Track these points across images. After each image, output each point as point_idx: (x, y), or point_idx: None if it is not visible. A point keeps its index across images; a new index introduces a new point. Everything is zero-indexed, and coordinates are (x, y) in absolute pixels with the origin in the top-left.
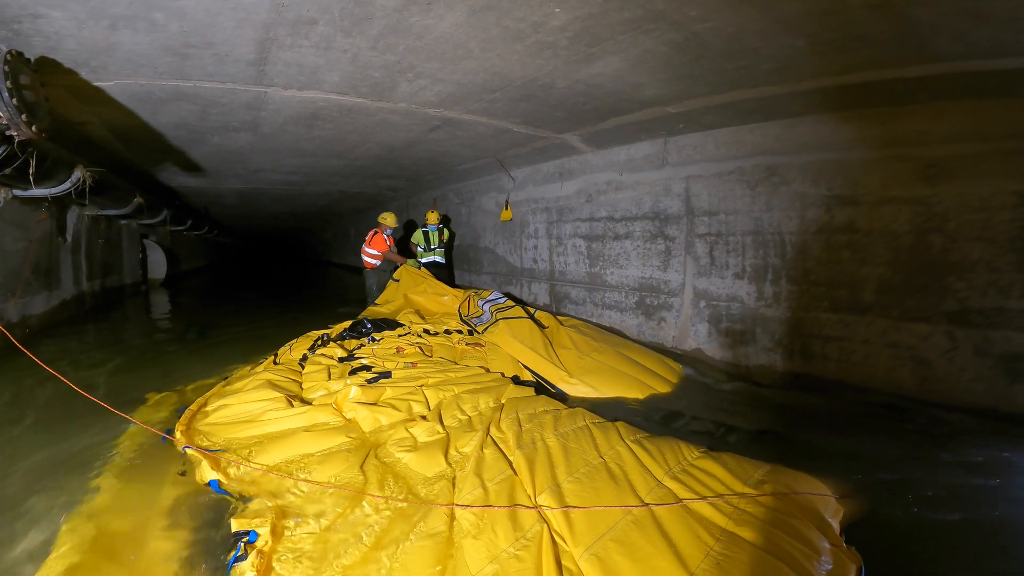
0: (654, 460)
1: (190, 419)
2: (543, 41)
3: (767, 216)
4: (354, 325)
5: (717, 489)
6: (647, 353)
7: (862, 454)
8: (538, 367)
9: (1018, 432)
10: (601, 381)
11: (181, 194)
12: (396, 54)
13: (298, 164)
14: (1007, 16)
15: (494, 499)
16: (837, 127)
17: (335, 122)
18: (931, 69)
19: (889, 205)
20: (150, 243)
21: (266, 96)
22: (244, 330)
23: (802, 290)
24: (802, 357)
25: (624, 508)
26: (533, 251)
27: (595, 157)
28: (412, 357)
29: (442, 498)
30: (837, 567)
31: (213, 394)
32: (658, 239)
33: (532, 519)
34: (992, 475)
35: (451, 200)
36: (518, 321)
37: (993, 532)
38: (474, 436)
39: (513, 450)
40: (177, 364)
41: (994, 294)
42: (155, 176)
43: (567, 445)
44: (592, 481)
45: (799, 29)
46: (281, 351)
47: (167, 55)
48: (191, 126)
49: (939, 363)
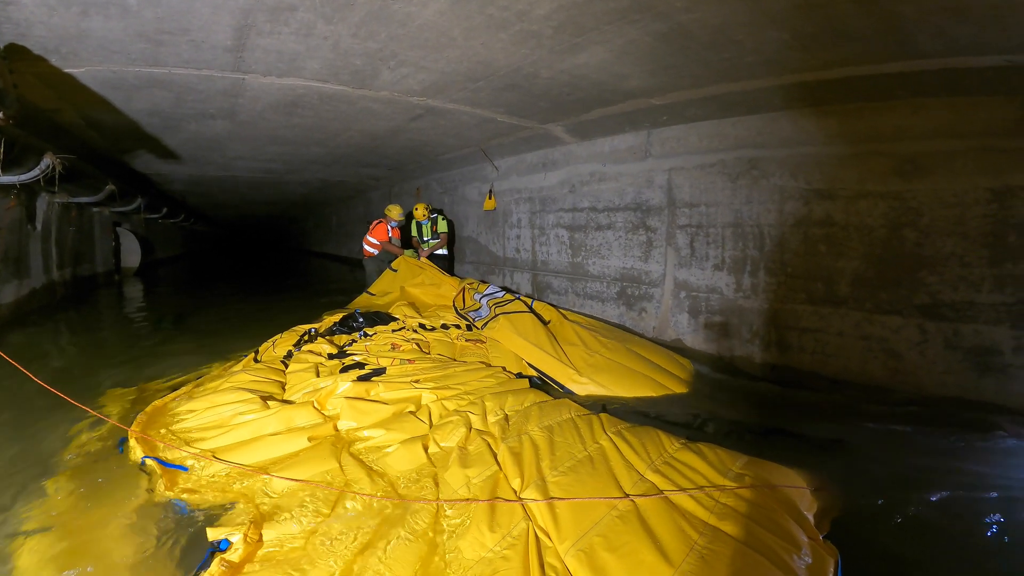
0: (636, 453)
1: (145, 425)
2: (527, 30)
3: (747, 209)
4: (344, 319)
5: (698, 482)
6: (656, 349)
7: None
8: (544, 365)
9: (988, 423)
10: (612, 380)
11: (156, 182)
12: (378, 41)
13: (278, 152)
14: (989, 14)
15: (479, 496)
16: (817, 122)
17: (316, 110)
18: (912, 65)
19: (865, 199)
20: (123, 231)
21: (244, 83)
22: (220, 323)
23: (780, 282)
24: (778, 348)
25: (608, 503)
26: (516, 241)
27: (579, 148)
28: (408, 354)
29: (426, 496)
30: (816, 561)
31: (182, 394)
32: (640, 230)
33: (518, 516)
34: (961, 465)
35: (434, 189)
36: (519, 316)
37: (964, 522)
38: (461, 431)
39: (499, 445)
40: (147, 359)
41: (965, 288)
42: (129, 163)
43: (552, 439)
44: (577, 474)
45: (784, 22)
46: (263, 348)
47: (140, 41)
48: (166, 113)
49: (910, 355)
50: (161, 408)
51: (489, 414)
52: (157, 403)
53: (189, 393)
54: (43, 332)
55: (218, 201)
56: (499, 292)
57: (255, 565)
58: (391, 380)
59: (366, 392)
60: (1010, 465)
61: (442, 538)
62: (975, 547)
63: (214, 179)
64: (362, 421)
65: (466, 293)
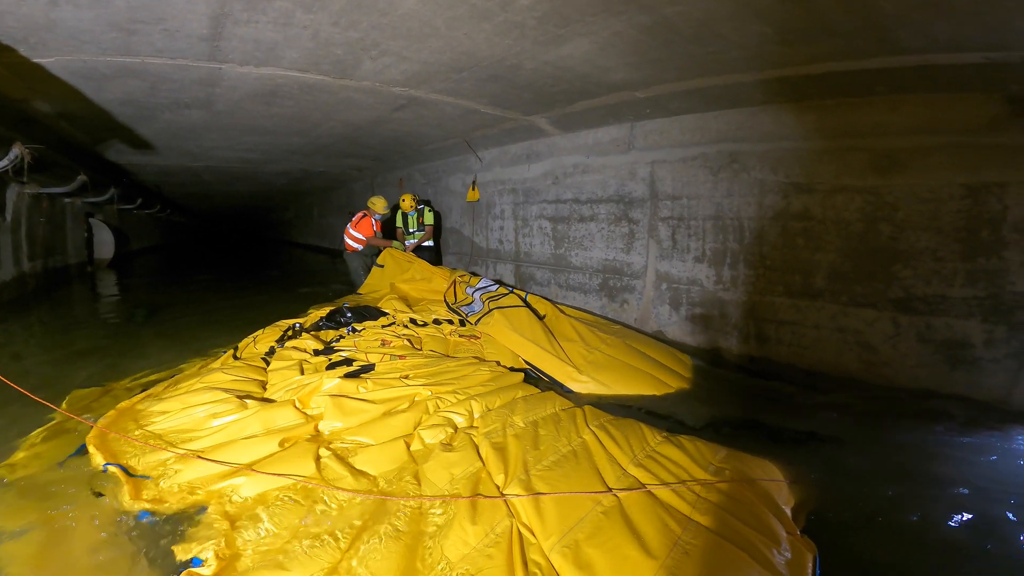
0: (619, 447)
1: (108, 428)
2: (511, 20)
3: (727, 202)
4: (332, 314)
5: (680, 475)
6: (655, 345)
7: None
8: (542, 363)
9: (958, 416)
10: (613, 378)
11: (131, 172)
12: (359, 31)
13: (256, 142)
14: (969, 10)
15: (462, 493)
16: (798, 116)
17: (295, 99)
18: (892, 62)
19: (842, 194)
20: (96, 222)
21: (221, 72)
22: (197, 316)
23: (758, 275)
24: (757, 340)
25: (593, 499)
26: (499, 232)
27: (563, 140)
28: (399, 350)
29: (409, 494)
30: (795, 556)
31: (152, 395)
32: (622, 222)
33: (501, 513)
34: (933, 457)
35: (417, 180)
36: (514, 311)
37: (933, 516)
38: (448, 428)
39: (483, 441)
40: (117, 354)
41: (937, 282)
42: (102, 153)
43: (536, 434)
44: (561, 469)
45: (768, 16)
46: (243, 344)
47: (112, 31)
48: (139, 103)
49: (883, 348)
50: (128, 410)
51: (476, 410)
52: (124, 404)
53: (159, 394)
54: (12, 326)
55: (195, 191)
56: (492, 285)
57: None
58: (380, 377)
59: (354, 390)
60: (982, 459)
61: (425, 537)
62: (943, 540)
63: (191, 169)
64: (348, 420)
65: (457, 287)
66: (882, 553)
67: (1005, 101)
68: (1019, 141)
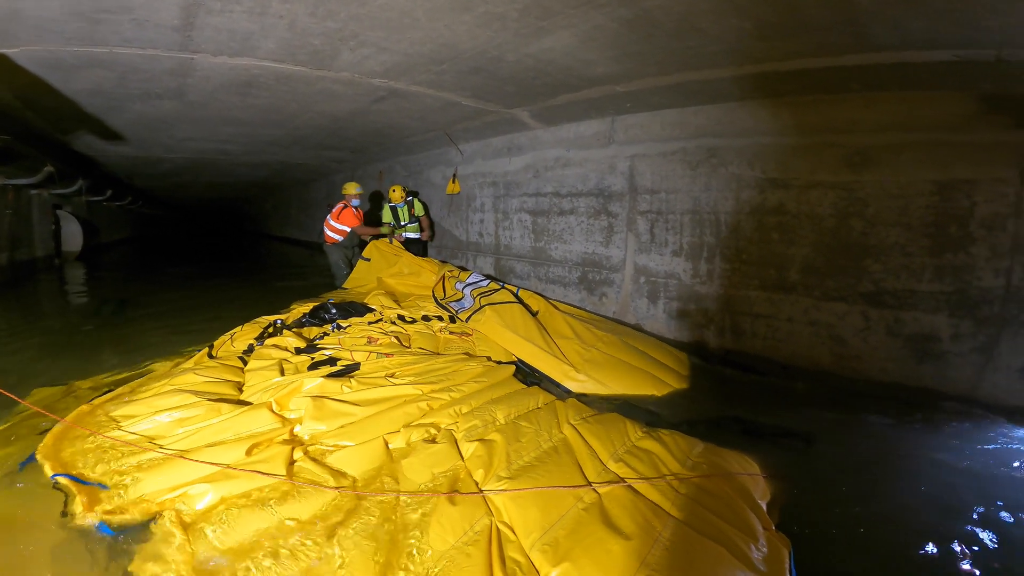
0: (601, 442)
1: (60, 436)
2: (492, 12)
3: (705, 196)
4: (315, 310)
5: (660, 470)
6: (651, 341)
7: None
8: (537, 361)
9: (925, 408)
10: (612, 377)
11: (100, 163)
12: (337, 21)
13: (232, 133)
14: (942, 7)
15: (442, 490)
16: (775, 112)
17: (272, 90)
18: (868, 59)
19: (816, 189)
20: (64, 214)
21: (193, 63)
22: (167, 311)
23: (734, 268)
24: (733, 334)
25: (574, 495)
26: (479, 225)
27: (544, 133)
28: (387, 348)
29: (385, 490)
30: (771, 551)
31: (115, 397)
32: (602, 215)
33: (481, 511)
34: (903, 450)
35: (398, 173)
36: (507, 307)
37: (905, 508)
38: (430, 428)
39: (464, 437)
40: (83, 351)
41: (906, 277)
42: (70, 144)
43: (518, 430)
44: (544, 465)
45: (747, 11)
46: (219, 341)
47: (78, 21)
48: (108, 93)
49: (854, 342)
50: (90, 413)
51: (461, 405)
52: (85, 407)
53: (124, 396)
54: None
55: (169, 183)
56: (483, 280)
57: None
58: (366, 376)
59: (337, 390)
60: (947, 453)
61: (403, 535)
62: (915, 533)
63: (164, 160)
64: (330, 423)
65: (446, 282)
66: (849, 547)
67: (976, 99)
68: (989, 139)
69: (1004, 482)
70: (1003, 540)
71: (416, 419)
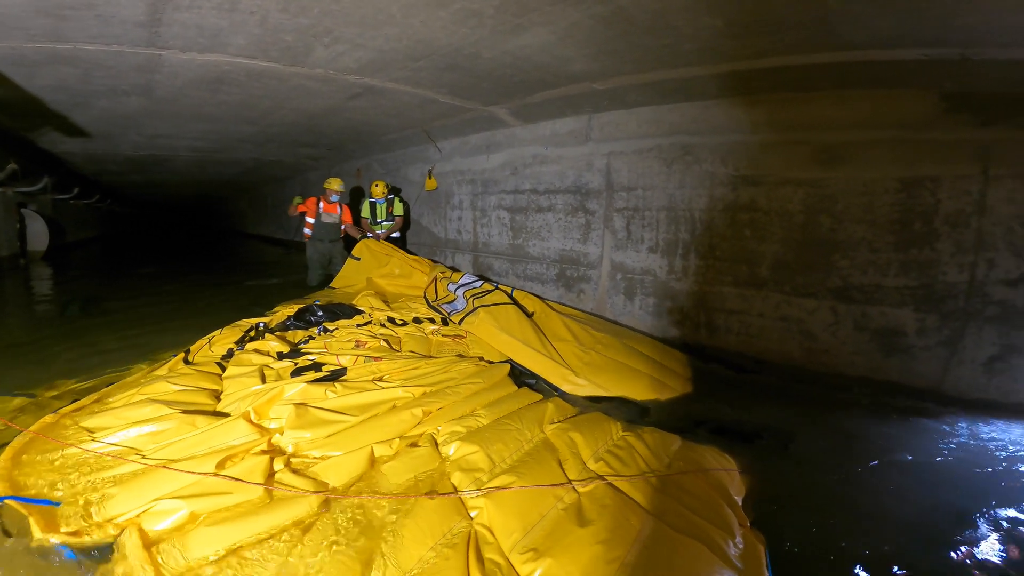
0: (585, 441)
1: (18, 452)
2: (468, 8)
3: (680, 193)
4: (300, 312)
5: (640, 467)
6: (650, 342)
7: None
8: (535, 365)
9: (892, 402)
10: (612, 381)
11: (66, 160)
12: (310, 17)
13: (203, 130)
14: (909, 6)
15: (421, 492)
16: (748, 110)
17: (244, 87)
18: (837, 57)
19: (787, 186)
20: (29, 212)
21: (161, 59)
22: (136, 313)
23: (708, 265)
24: (707, 329)
25: (554, 495)
26: (457, 222)
27: (523, 131)
28: (376, 351)
29: (362, 493)
30: (748, 547)
31: (81, 408)
32: (579, 212)
33: (460, 514)
34: (868, 447)
35: (376, 171)
36: (501, 308)
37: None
38: (414, 433)
39: (446, 439)
40: (46, 356)
41: (873, 272)
42: (35, 141)
43: (502, 430)
44: (526, 466)
45: (719, 9)
46: (196, 346)
47: (41, 17)
48: (73, 89)
49: (823, 336)
50: (53, 425)
51: (453, 409)
52: (49, 418)
53: (90, 406)
54: None
55: (138, 180)
56: (476, 281)
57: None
58: (352, 381)
59: (321, 396)
60: (914, 445)
61: (379, 538)
62: (885, 524)
63: (132, 158)
64: (314, 431)
65: (438, 283)
66: (817, 536)
67: (940, 98)
68: (952, 137)
69: (965, 478)
70: (957, 535)
71: (409, 427)
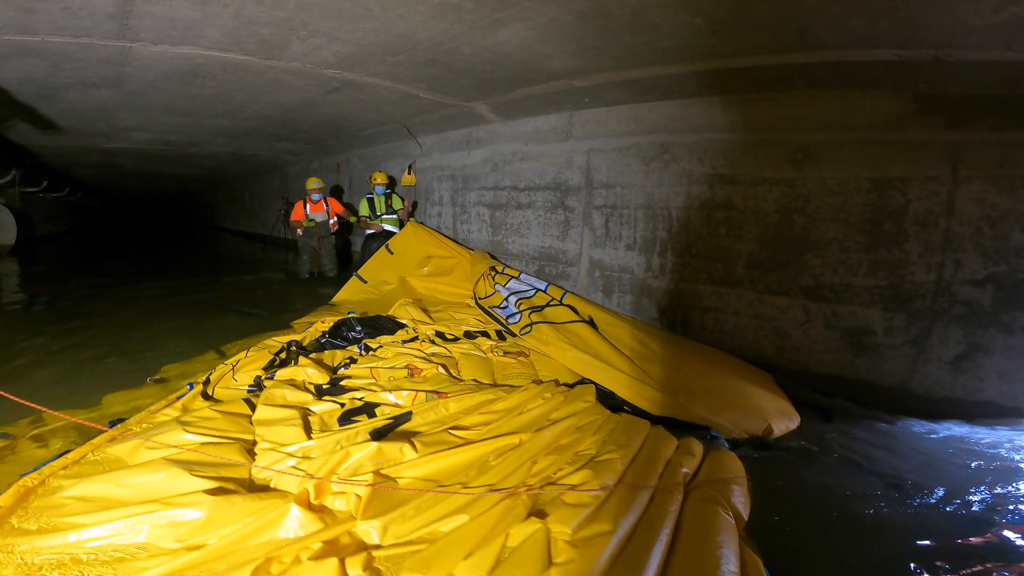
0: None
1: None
2: (447, 3)
3: (658, 191)
4: (336, 328)
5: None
6: (734, 360)
7: None
8: (622, 389)
9: (861, 400)
10: (722, 405)
11: (35, 153)
12: (286, 10)
13: (177, 123)
14: (883, 6)
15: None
16: (725, 109)
17: (218, 80)
18: (811, 56)
19: (762, 185)
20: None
21: (131, 51)
22: (112, 318)
23: (685, 263)
24: (683, 327)
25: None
26: (437, 218)
27: (503, 127)
28: (434, 382)
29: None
30: (748, 559)
31: (68, 465)
32: (558, 209)
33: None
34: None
35: (356, 166)
36: (572, 327)
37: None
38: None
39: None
40: (17, 376)
41: (844, 271)
42: (2, 134)
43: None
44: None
45: (697, 7)
46: (217, 374)
47: (9, 10)
48: (40, 82)
49: (795, 334)
50: (33, 492)
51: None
52: (28, 481)
53: (76, 472)
54: None
55: (110, 174)
56: (529, 290)
57: None
58: (425, 435)
59: (396, 457)
60: (882, 445)
61: None
62: (861, 528)
63: (104, 151)
64: (401, 524)
65: (485, 279)
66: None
67: (912, 99)
68: (922, 138)
69: (937, 475)
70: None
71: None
